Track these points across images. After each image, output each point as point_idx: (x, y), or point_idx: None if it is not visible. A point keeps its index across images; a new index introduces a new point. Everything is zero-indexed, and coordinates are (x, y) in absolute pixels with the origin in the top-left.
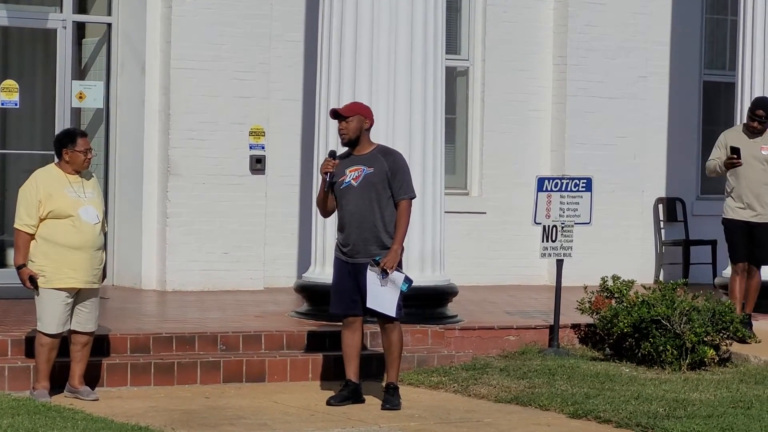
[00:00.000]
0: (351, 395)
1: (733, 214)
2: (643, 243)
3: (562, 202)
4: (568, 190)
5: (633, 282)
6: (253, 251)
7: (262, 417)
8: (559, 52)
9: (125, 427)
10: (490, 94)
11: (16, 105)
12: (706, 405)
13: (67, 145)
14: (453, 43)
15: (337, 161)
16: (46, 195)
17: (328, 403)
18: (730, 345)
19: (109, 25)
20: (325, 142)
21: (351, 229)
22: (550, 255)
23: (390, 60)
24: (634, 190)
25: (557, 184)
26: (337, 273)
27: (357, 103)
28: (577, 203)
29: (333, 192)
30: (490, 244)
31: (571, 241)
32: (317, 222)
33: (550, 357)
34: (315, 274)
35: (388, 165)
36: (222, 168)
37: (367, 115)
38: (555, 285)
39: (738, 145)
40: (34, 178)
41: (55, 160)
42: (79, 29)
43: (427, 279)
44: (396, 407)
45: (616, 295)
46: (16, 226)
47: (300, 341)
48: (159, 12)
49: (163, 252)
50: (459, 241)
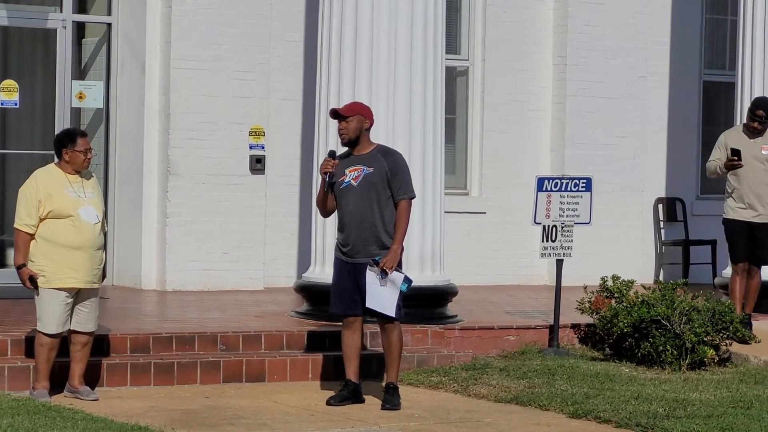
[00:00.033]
0: (351, 395)
1: (734, 214)
2: (642, 243)
3: (561, 202)
4: (568, 190)
5: (633, 282)
6: (252, 251)
7: (262, 417)
8: (559, 52)
9: (125, 427)
10: (490, 94)
11: (15, 105)
12: (706, 405)
13: (67, 145)
14: (453, 43)
15: (336, 161)
16: (46, 195)
17: (328, 403)
18: (730, 345)
19: (109, 25)
20: (325, 142)
21: (350, 229)
22: (549, 255)
23: (390, 60)
24: (633, 190)
25: (557, 184)
26: (337, 273)
27: (357, 103)
28: (577, 203)
29: (333, 192)
30: (489, 244)
31: (571, 241)
32: (317, 222)
33: (550, 357)
34: (315, 274)
35: (387, 165)
36: (222, 168)
37: (366, 115)
38: (555, 285)
39: (738, 146)
40: (34, 178)
41: (55, 160)
42: (79, 29)
43: (426, 279)
44: (396, 407)
45: (616, 295)
46: (16, 225)
47: (300, 341)
48: (159, 12)
49: (163, 252)
50: (459, 241)
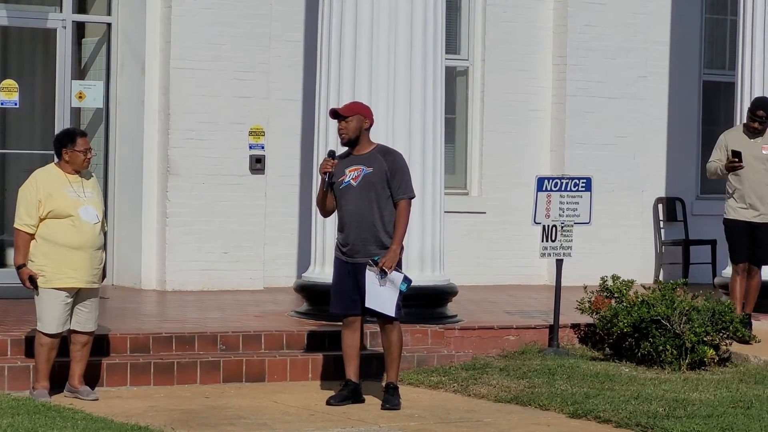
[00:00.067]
0: (351, 395)
1: (734, 214)
2: (642, 243)
3: (561, 202)
4: (568, 189)
5: (633, 282)
6: (252, 251)
7: (262, 417)
8: (558, 52)
9: (125, 426)
10: (489, 94)
11: (15, 105)
12: (705, 405)
13: (67, 145)
14: (453, 43)
15: (336, 161)
16: (46, 195)
17: (328, 402)
18: (730, 345)
19: (108, 24)
20: (324, 142)
21: (350, 228)
22: (549, 255)
23: (390, 60)
24: (633, 189)
25: (557, 183)
26: (336, 273)
27: (356, 102)
28: (577, 203)
29: (332, 192)
30: (489, 244)
31: (571, 240)
32: (317, 222)
33: (550, 357)
34: (315, 273)
35: (387, 165)
36: (222, 168)
37: (366, 115)
38: (555, 285)
39: (738, 146)
40: (33, 177)
41: (55, 159)
42: (79, 29)
43: (426, 279)
44: (396, 407)
45: (616, 294)
46: (15, 225)
47: (300, 341)
48: (159, 12)
49: (163, 252)
50: (459, 241)
